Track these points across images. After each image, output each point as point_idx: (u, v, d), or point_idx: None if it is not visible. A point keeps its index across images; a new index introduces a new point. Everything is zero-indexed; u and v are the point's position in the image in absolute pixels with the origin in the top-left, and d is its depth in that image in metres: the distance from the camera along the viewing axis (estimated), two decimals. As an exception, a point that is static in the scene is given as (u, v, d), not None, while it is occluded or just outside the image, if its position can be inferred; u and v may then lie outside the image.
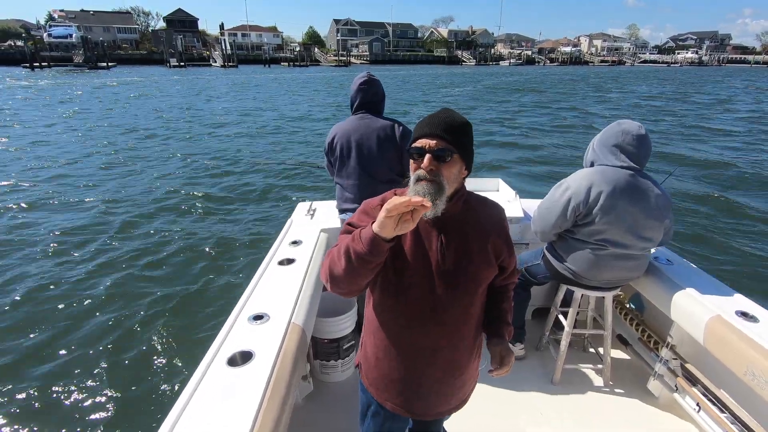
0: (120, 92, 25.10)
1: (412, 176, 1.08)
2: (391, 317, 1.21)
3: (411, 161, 1.11)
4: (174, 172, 8.56)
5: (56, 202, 6.68)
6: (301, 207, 3.03)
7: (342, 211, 2.48)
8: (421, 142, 1.08)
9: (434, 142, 1.07)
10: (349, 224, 1.16)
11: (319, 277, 2.09)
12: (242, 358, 1.43)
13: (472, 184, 2.98)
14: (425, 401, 1.27)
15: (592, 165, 2.06)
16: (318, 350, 2.31)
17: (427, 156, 1.05)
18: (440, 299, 1.15)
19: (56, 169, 8.62)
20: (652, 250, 2.32)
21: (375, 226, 0.93)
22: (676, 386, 2.10)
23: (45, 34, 57.79)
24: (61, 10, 69.89)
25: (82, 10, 73.23)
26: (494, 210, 1.25)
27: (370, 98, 2.37)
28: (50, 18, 68.33)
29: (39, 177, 8.04)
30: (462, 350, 1.24)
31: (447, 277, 1.14)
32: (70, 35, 56.79)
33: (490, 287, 1.27)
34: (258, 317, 1.66)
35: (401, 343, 1.22)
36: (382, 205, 0.93)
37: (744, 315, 1.80)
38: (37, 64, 49.73)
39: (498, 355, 1.25)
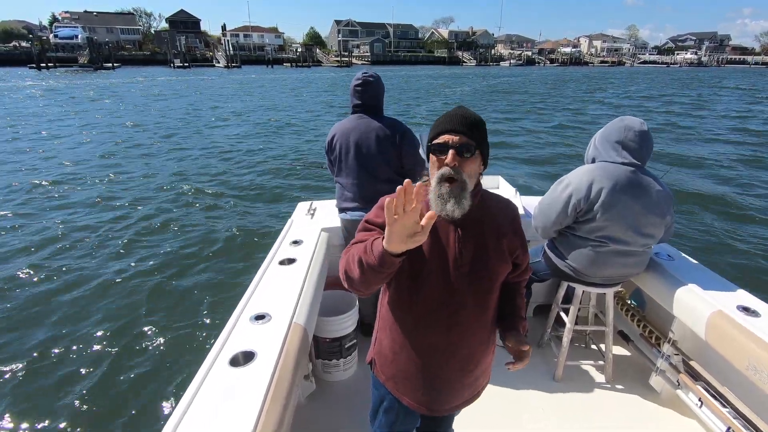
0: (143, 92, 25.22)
1: (435, 175, 1.08)
2: (406, 314, 1.21)
3: (432, 158, 1.10)
4: (173, 172, 8.56)
5: (64, 201, 6.71)
6: (302, 206, 3.03)
7: (342, 210, 2.47)
8: (443, 138, 1.08)
9: (457, 137, 1.07)
10: (366, 221, 1.16)
11: (320, 276, 2.11)
12: (244, 358, 1.44)
13: None
14: (441, 396, 1.28)
15: (593, 161, 2.05)
16: (320, 349, 2.31)
17: (451, 152, 1.06)
18: (455, 296, 1.15)
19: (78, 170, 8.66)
20: (653, 246, 2.32)
21: (384, 242, 0.93)
22: (678, 382, 2.10)
23: (51, 35, 58.04)
24: (66, 12, 70.31)
25: (86, 11, 73.56)
26: (508, 207, 1.25)
27: (366, 100, 2.33)
28: (54, 19, 68.69)
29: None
30: (476, 346, 1.24)
31: (464, 273, 1.14)
32: (76, 36, 57.06)
33: (503, 284, 1.27)
34: (260, 317, 1.66)
35: (417, 340, 1.22)
36: None
37: (745, 310, 1.80)
38: (44, 64, 49.89)
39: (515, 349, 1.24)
